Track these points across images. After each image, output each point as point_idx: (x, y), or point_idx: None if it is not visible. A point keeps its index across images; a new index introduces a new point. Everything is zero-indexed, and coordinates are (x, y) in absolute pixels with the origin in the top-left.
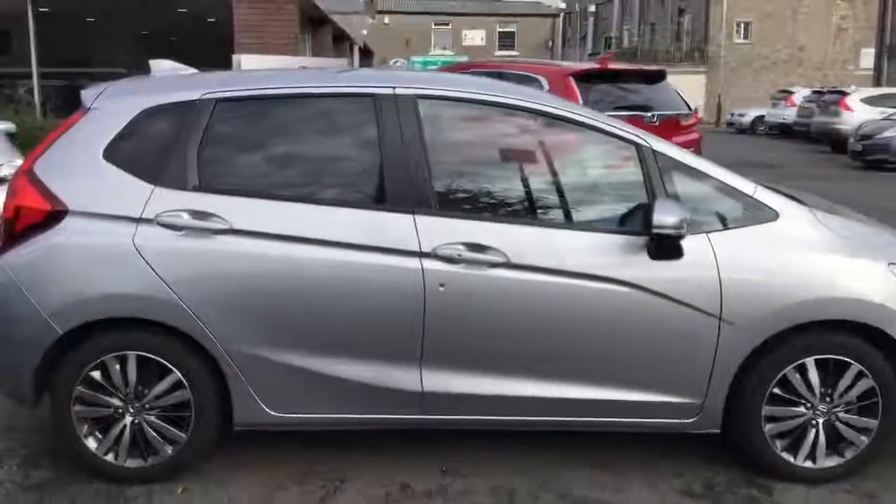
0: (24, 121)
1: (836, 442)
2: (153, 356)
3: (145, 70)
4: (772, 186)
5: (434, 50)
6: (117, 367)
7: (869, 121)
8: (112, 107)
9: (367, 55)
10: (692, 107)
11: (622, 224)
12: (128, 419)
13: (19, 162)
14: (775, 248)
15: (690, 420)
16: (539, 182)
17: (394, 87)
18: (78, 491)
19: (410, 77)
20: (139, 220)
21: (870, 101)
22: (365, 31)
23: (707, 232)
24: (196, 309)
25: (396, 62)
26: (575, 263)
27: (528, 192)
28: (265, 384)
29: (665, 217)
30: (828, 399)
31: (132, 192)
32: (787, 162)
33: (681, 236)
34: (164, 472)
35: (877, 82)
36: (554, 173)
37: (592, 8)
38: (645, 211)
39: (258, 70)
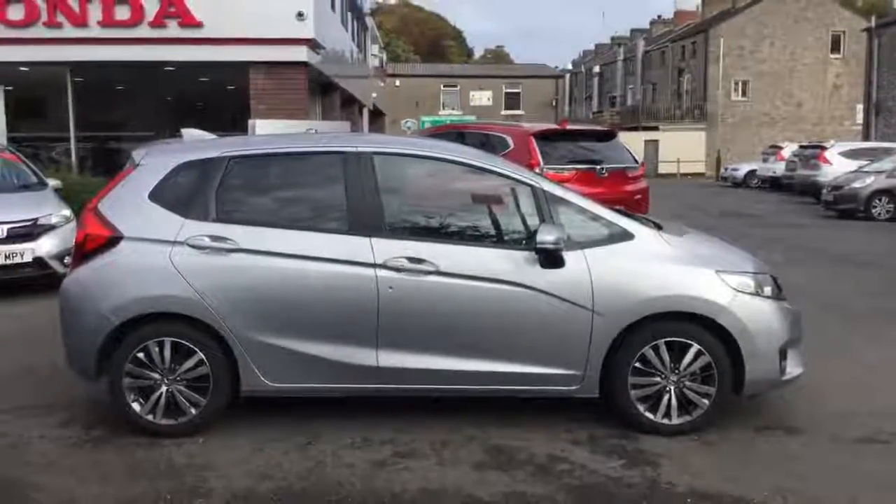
0: (64, 178)
1: (686, 404)
2: (182, 341)
3: (172, 132)
4: (631, 215)
5: (443, 110)
6: (157, 349)
7: (842, 173)
8: (155, 162)
9: (378, 116)
10: (638, 161)
11: (521, 243)
12: (163, 388)
13: (66, 212)
14: (631, 260)
15: (575, 387)
16: (460, 213)
17: (356, 147)
18: (125, 442)
19: (369, 139)
20: (174, 243)
21: (848, 154)
22: (374, 94)
23: (582, 248)
24: (214, 306)
25: (407, 122)
26: (486, 271)
27: (453, 220)
28: (264, 361)
29: (545, 236)
30: (676, 371)
31: (169, 223)
32: (768, 212)
33: (558, 250)
34: (189, 428)
35: (865, 137)
36: (471, 206)
37: (597, 69)
38: (534, 232)
39: (262, 135)
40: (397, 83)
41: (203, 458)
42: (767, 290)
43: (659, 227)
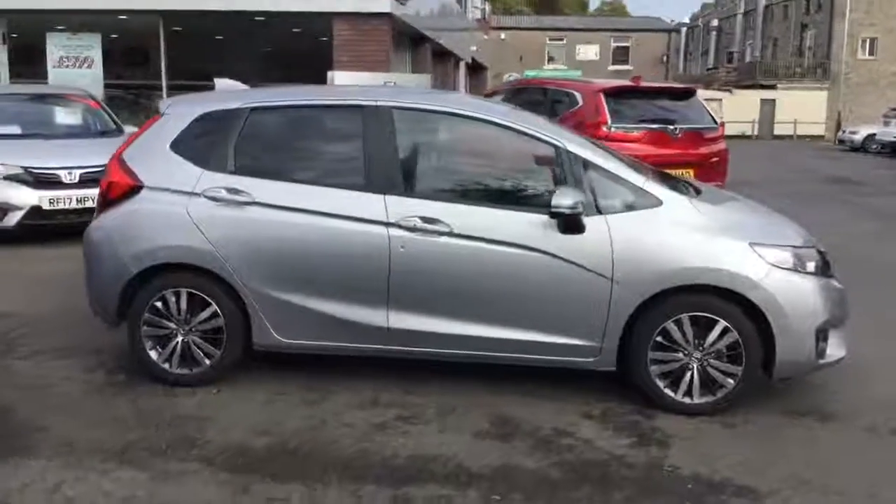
0: None
1: (709, 383)
2: (198, 292)
3: (259, 83)
4: (670, 179)
5: (548, 64)
6: (173, 299)
7: None
8: (178, 112)
9: (478, 70)
10: (718, 121)
11: (540, 206)
12: (179, 338)
13: None
14: (656, 228)
15: (592, 359)
16: (479, 172)
17: (376, 100)
18: (143, 389)
19: (389, 92)
20: (192, 194)
21: None
22: (475, 48)
23: (605, 213)
24: (228, 258)
25: (511, 76)
26: (502, 234)
27: (471, 180)
28: (275, 316)
29: (561, 200)
30: (700, 348)
31: (188, 174)
32: (881, 180)
33: (576, 214)
34: (203, 378)
35: None
36: (491, 166)
37: (715, 22)
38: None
39: (288, 87)
40: (502, 36)
41: (210, 410)
42: (811, 265)
43: (697, 193)
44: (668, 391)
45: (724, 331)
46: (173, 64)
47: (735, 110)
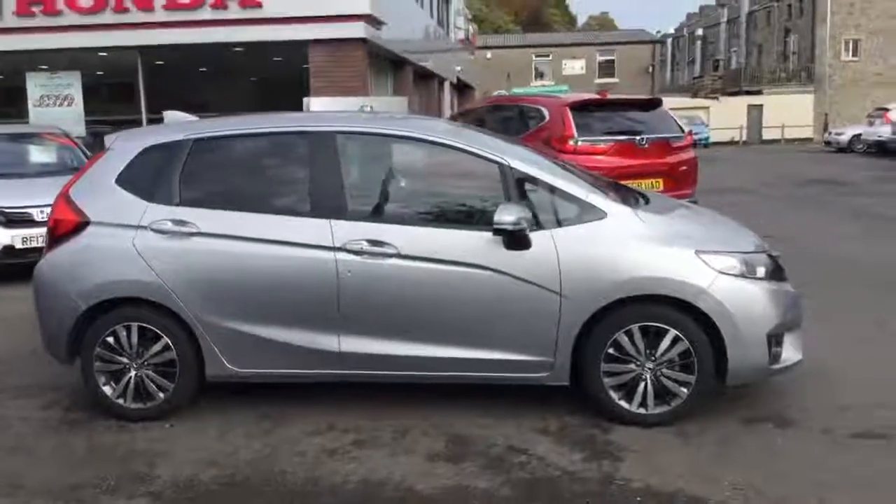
0: None
1: (663, 393)
2: (149, 326)
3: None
4: (622, 190)
5: (535, 81)
6: (124, 334)
7: None
8: (123, 147)
9: (465, 90)
10: (684, 130)
11: (485, 224)
12: (132, 372)
13: None
14: (600, 240)
15: (545, 374)
16: (424, 193)
17: (319, 126)
18: (98, 425)
19: (332, 117)
20: (138, 227)
21: None
22: (459, 68)
23: (550, 228)
24: (176, 290)
25: (499, 94)
26: (448, 253)
27: (416, 201)
28: (227, 346)
29: (503, 216)
30: (653, 358)
31: (134, 208)
32: (865, 180)
33: (519, 231)
34: (158, 412)
35: None
36: (436, 186)
37: (700, 32)
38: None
39: (234, 117)
40: (488, 55)
41: (163, 444)
42: (760, 270)
43: (646, 203)
44: (622, 403)
45: (675, 340)
46: (155, 97)
47: (723, 117)
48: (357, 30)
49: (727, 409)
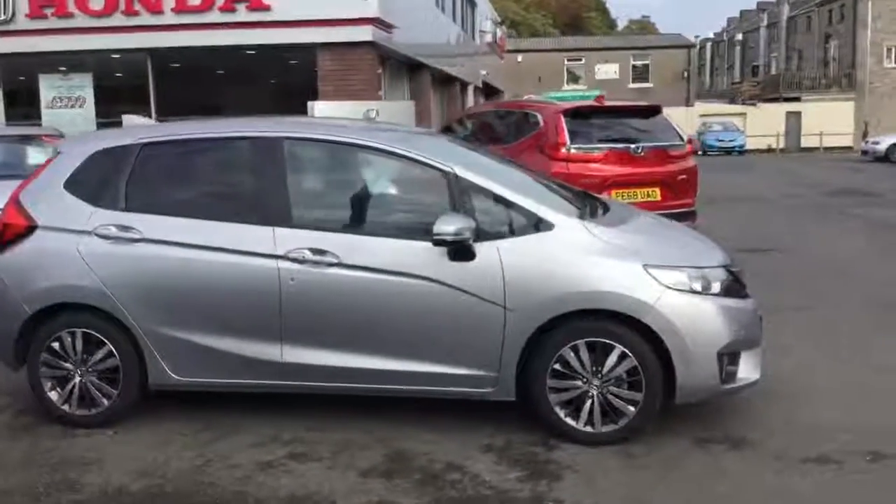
0: None
1: (610, 411)
2: (92, 332)
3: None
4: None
5: (567, 85)
6: (69, 339)
7: None
8: (72, 151)
9: (493, 94)
10: (685, 138)
11: (429, 234)
12: (77, 379)
13: None
14: (546, 252)
15: (490, 389)
16: (371, 201)
17: (265, 132)
18: (43, 431)
19: (280, 122)
20: (83, 232)
21: None
22: (485, 72)
23: (495, 239)
24: (119, 297)
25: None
26: (391, 263)
27: (359, 209)
28: (169, 354)
29: (443, 227)
30: (599, 375)
31: (80, 212)
32: (889, 191)
33: (460, 241)
34: (102, 419)
35: None
36: (380, 194)
37: (739, 36)
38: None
39: (188, 122)
40: (519, 59)
41: (100, 452)
42: (715, 286)
43: (605, 212)
44: (569, 420)
45: (622, 356)
46: (166, 100)
47: (760, 124)
48: (365, 33)
49: (681, 429)
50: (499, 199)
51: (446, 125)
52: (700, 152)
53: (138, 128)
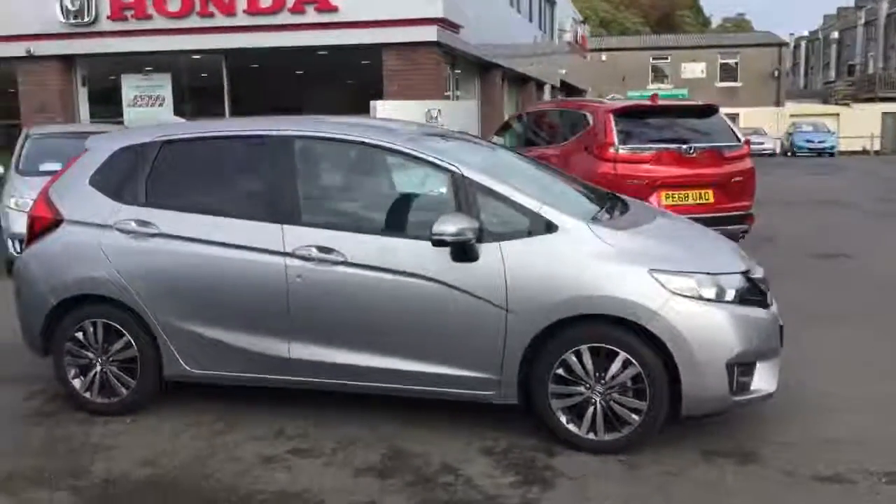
0: None
1: (613, 419)
2: (112, 323)
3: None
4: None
5: (652, 84)
6: (91, 329)
7: None
8: (99, 147)
9: (574, 93)
10: (741, 139)
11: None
12: (98, 367)
13: None
14: (549, 255)
15: (492, 392)
16: (375, 200)
17: (277, 130)
18: (67, 417)
19: (293, 121)
20: (105, 227)
21: None
22: (563, 71)
23: (499, 240)
24: (136, 289)
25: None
26: (396, 263)
27: (369, 208)
28: (184, 347)
29: (443, 227)
30: (602, 381)
31: (103, 207)
32: None
33: (462, 242)
34: (121, 407)
35: None
36: (388, 194)
37: (835, 35)
38: None
39: (210, 120)
40: (603, 57)
41: (114, 439)
42: (729, 293)
43: (623, 212)
44: (571, 427)
45: (626, 363)
46: (240, 99)
47: (853, 125)
48: (430, 33)
49: (690, 439)
50: (504, 201)
51: (505, 123)
52: (788, 153)
53: (162, 126)
